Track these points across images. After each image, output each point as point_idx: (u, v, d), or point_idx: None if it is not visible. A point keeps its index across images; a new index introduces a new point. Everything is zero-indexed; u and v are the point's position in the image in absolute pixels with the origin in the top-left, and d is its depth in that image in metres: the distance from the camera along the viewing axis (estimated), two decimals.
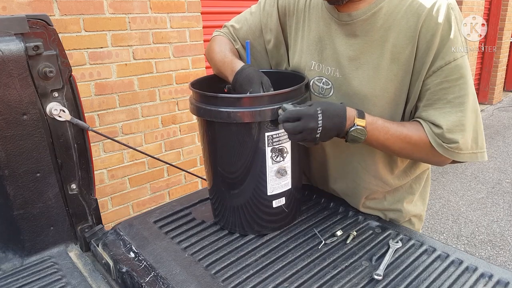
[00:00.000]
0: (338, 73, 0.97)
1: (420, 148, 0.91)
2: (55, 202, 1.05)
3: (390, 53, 0.89)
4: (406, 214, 1.12)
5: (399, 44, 0.88)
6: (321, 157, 1.11)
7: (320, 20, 1.00)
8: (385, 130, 0.89)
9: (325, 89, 1.00)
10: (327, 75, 0.99)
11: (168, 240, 0.99)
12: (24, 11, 1.81)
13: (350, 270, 0.87)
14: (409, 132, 0.90)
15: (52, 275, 0.95)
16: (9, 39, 0.90)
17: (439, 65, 0.87)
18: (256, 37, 1.12)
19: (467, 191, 3.64)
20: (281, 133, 0.91)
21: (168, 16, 2.33)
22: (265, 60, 1.15)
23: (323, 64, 0.99)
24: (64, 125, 1.03)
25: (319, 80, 1.01)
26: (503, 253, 2.72)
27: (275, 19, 1.08)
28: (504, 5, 6.23)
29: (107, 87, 2.17)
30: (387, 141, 0.90)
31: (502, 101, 7.06)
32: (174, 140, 2.56)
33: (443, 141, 0.88)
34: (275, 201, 0.97)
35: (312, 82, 1.02)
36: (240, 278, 0.85)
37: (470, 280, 0.82)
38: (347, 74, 0.95)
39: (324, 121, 0.83)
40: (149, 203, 2.52)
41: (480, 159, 0.93)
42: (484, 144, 0.94)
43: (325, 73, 0.99)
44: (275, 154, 0.92)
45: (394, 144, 0.91)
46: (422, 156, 0.95)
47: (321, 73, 1.00)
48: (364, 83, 0.93)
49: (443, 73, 0.87)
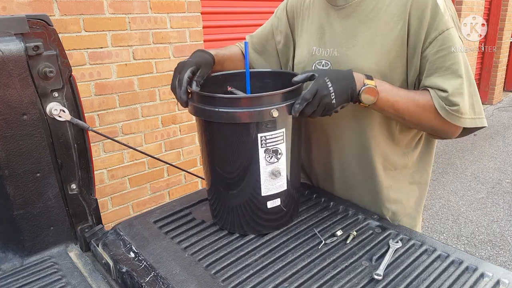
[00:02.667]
0: (336, 52, 1.05)
1: (427, 112, 0.95)
2: (55, 202, 1.05)
3: (383, 30, 0.98)
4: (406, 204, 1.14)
5: (391, 21, 0.96)
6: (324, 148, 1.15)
7: (321, 10, 1.10)
8: (394, 92, 0.95)
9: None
10: (326, 57, 1.07)
11: (168, 240, 0.99)
12: (24, 11, 1.81)
13: (350, 270, 0.87)
14: (417, 95, 0.96)
15: (52, 275, 0.95)
16: (9, 39, 0.90)
17: (433, 36, 0.93)
18: (268, 39, 1.26)
19: (467, 191, 3.64)
20: (276, 134, 0.91)
21: (168, 16, 2.33)
22: (276, 60, 1.26)
23: (322, 47, 1.08)
24: (64, 125, 1.03)
25: (319, 63, 1.08)
26: (503, 253, 2.72)
27: (284, 22, 1.22)
28: (504, 5, 6.23)
29: (107, 87, 2.17)
30: (397, 103, 0.95)
31: (502, 101, 7.06)
32: (174, 140, 2.57)
33: (445, 104, 0.93)
34: (270, 202, 0.97)
35: (314, 66, 1.10)
36: (240, 278, 0.85)
37: (470, 280, 0.82)
38: (344, 52, 1.03)
39: (334, 86, 0.88)
40: (149, 203, 2.52)
41: (480, 124, 0.97)
42: (482, 111, 0.98)
43: (325, 55, 1.07)
44: (269, 155, 0.92)
45: (404, 106, 0.95)
46: (428, 122, 0.98)
47: (321, 56, 1.08)
48: (360, 59, 1.00)
49: (438, 42, 0.93)
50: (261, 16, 3.09)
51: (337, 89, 0.89)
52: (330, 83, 0.88)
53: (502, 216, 3.20)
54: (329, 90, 0.88)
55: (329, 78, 0.88)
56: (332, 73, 0.91)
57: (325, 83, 0.88)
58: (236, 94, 1.05)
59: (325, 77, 0.88)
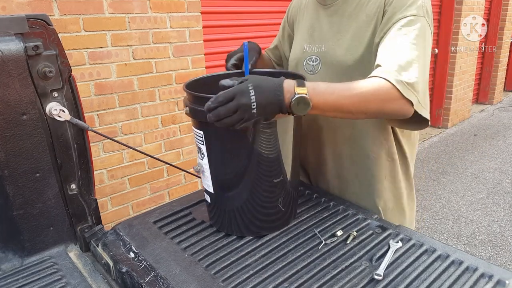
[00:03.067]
0: (324, 47, 1.11)
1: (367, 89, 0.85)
2: (54, 202, 1.05)
3: (365, 24, 1.03)
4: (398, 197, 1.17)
5: (370, 14, 1.02)
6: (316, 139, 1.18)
7: (313, 9, 1.18)
8: (330, 90, 0.85)
9: (314, 65, 1.13)
10: (316, 52, 1.13)
11: (168, 240, 0.99)
12: (24, 11, 1.80)
13: (350, 270, 0.87)
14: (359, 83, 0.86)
15: (52, 275, 0.95)
16: (9, 39, 0.90)
17: (398, 17, 0.95)
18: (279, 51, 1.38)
19: (468, 191, 3.64)
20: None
21: (168, 16, 2.33)
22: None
23: (312, 44, 1.14)
24: (64, 125, 1.03)
25: (309, 59, 1.15)
26: (503, 253, 2.72)
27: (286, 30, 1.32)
28: (504, 5, 6.22)
29: (107, 87, 2.17)
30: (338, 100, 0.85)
31: (503, 101, 7.06)
32: (174, 140, 2.56)
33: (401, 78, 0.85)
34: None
35: (305, 62, 1.16)
36: (240, 278, 0.84)
37: (470, 280, 0.82)
38: (330, 46, 1.09)
39: (257, 97, 0.78)
40: (149, 203, 2.52)
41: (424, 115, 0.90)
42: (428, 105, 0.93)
43: (314, 51, 1.14)
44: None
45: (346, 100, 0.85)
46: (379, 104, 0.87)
47: (311, 52, 1.15)
48: (345, 52, 1.05)
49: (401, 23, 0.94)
50: (261, 16, 3.09)
51: (260, 100, 0.79)
52: (253, 91, 0.78)
53: (503, 216, 3.19)
54: (250, 98, 0.78)
55: (253, 86, 0.78)
56: (258, 81, 0.80)
57: (247, 90, 0.78)
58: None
59: (249, 84, 0.79)
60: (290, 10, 1.32)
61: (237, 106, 0.77)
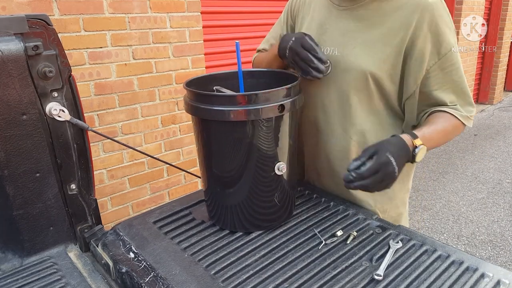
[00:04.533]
0: (337, 51, 1.06)
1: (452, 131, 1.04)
2: (54, 202, 1.05)
3: (384, 36, 1.01)
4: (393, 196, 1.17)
5: (394, 28, 1.00)
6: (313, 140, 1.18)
7: (322, 8, 1.12)
8: (430, 136, 0.99)
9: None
10: (326, 55, 1.07)
11: (168, 241, 0.99)
12: (24, 11, 1.80)
13: (350, 270, 0.87)
14: (444, 125, 1.02)
15: (51, 275, 0.95)
16: (9, 39, 0.90)
17: (443, 52, 0.99)
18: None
19: (468, 191, 3.64)
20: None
21: (168, 15, 2.33)
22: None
23: (322, 45, 1.08)
24: (64, 125, 1.03)
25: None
26: (503, 254, 2.72)
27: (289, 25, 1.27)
28: (504, 5, 6.22)
29: (107, 87, 2.17)
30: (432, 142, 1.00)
31: (503, 101, 7.06)
32: (174, 140, 2.56)
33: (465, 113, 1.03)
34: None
35: None
36: (240, 278, 0.84)
37: (470, 281, 0.82)
38: (345, 52, 1.05)
39: (397, 163, 0.89)
40: (149, 203, 2.52)
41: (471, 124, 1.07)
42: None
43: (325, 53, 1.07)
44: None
45: (438, 141, 1.03)
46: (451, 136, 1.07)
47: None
48: (360, 60, 1.02)
49: (448, 59, 1.00)
50: (261, 16, 3.09)
51: (400, 164, 0.90)
52: (393, 160, 0.88)
53: (503, 216, 3.19)
54: (394, 166, 0.88)
55: (392, 155, 0.88)
56: (392, 148, 0.90)
57: (389, 161, 0.88)
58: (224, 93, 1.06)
59: (388, 154, 0.88)
60: (293, 2, 1.26)
61: (383, 176, 0.87)
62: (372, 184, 0.87)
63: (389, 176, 0.88)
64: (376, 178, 0.86)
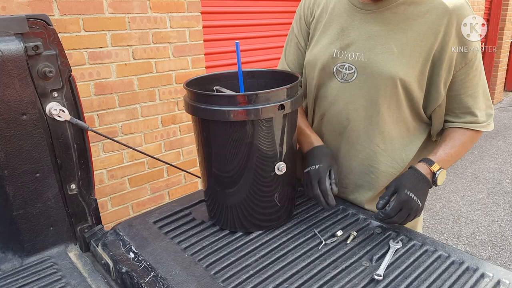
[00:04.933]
0: (363, 57, 1.02)
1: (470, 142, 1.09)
2: (54, 202, 1.05)
3: (414, 41, 0.98)
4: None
5: (423, 33, 0.97)
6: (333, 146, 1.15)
7: (343, 12, 1.07)
8: (449, 156, 1.03)
9: (348, 74, 1.05)
10: (351, 60, 1.04)
11: (168, 241, 0.99)
12: (24, 11, 1.80)
13: (350, 270, 0.87)
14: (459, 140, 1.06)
15: (51, 275, 0.95)
16: (9, 39, 0.90)
17: (470, 57, 0.99)
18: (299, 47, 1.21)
19: (468, 191, 3.64)
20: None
21: (167, 16, 2.33)
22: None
23: (345, 51, 1.05)
24: (64, 125, 1.03)
25: (341, 66, 1.06)
26: (503, 253, 2.72)
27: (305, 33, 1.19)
28: (504, 5, 6.22)
29: (107, 87, 2.17)
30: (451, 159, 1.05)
31: (503, 101, 7.06)
32: (174, 140, 2.56)
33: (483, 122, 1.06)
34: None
35: (335, 69, 1.08)
36: (240, 278, 0.84)
37: (470, 281, 0.82)
38: (372, 58, 1.01)
39: (418, 196, 0.95)
40: (149, 203, 2.52)
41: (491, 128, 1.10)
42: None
43: (348, 59, 1.05)
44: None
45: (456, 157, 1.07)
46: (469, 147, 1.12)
47: (343, 59, 1.05)
48: (388, 66, 0.99)
49: (474, 64, 1.00)
50: (261, 16, 3.09)
51: (422, 197, 0.96)
52: (414, 196, 0.94)
53: (503, 216, 3.19)
54: (416, 202, 0.94)
55: (412, 191, 0.94)
56: (411, 184, 0.95)
57: (410, 198, 0.93)
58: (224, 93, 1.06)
59: (407, 192, 0.93)
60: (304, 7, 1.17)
61: (408, 212, 0.94)
62: (399, 220, 0.94)
63: (414, 211, 0.95)
64: (402, 214, 0.94)
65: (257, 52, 3.06)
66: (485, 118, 1.06)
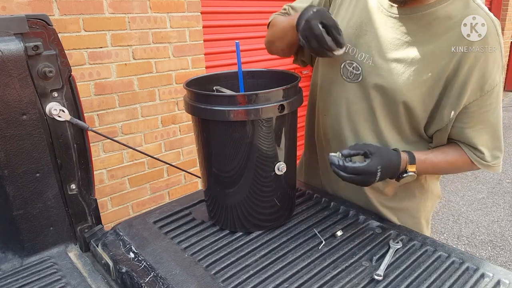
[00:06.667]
0: (371, 61, 0.97)
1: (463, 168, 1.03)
2: (54, 202, 1.05)
3: (426, 59, 0.91)
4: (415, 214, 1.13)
5: (438, 52, 0.90)
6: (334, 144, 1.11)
7: (367, 6, 0.99)
8: (432, 165, 0.99)
9: (354, 74, 1.01)
10: (360, 61, 0.99)
11: (168, 241, 0.99)
12: (24, 11, 1.80)
13: (350, 270, 0.87)
14: (453, 158, 1.00)
15: (51, 276, 0.95)
16: (9, 39, 0.90)
17: (486, 89, 0.91)
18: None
19: (468, 191, 3.64)
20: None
21: (167, 16, 2.33)
22: None
23: (357, 48, 0.99)
24: (64, 125, 1.03)
25: (349, 64, 1.01)
26: (503, 253, 2.72)
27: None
28: (504, 5, 6.22)
29: (107, 87, 2.17)
30: (434, 170, 1.02)
31: (503, 101, 7.05)
32: (174, 140, 2.56)
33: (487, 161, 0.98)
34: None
35: (343, 65, 1.02)
36: (240, 278, 0.84)
37: (470, 281, 0.82)
38: (379, 65, 0.96)
39: (381, 175, 0.90)
40: (149, 203, 2.52)
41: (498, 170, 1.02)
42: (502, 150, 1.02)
43: (358, 58, 0.99)
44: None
45: (441, 171, 1.05)
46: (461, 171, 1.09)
47: (353, 57, 1.00)
48: (393, 78, 0.94)
49: (490, 97, 0.92)
50: (261, 16, 3.09)
51: (383, 177, 0.92)
52: (380, 172, 0.89)
53: (503, 216, 3.19)
54: (376, 178, 0.90)
55: (382, 168, 0.89)
56: (385, 162, 0.90)
57: (375, 172, 0.89)
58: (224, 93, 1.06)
59: (378, 166, 0.89)
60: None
61: (361, 180, 0.90)
62: (347, 179, 0.89)
63: (365, 183, 0.92)
64: (354, 178, 0.89)
65: (257, 52, 3.06)
66: (490, 158, 0.97)
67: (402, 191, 1.10)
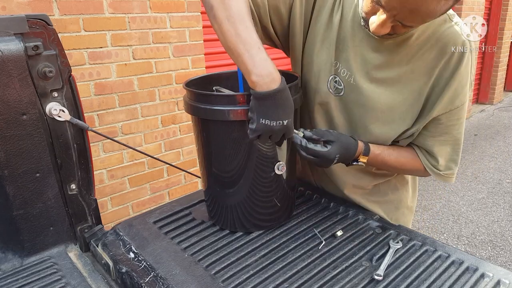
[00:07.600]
0: (352, 79, 0.97)
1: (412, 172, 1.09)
2: (54, 202, 1.05)
3: (406, 78, 0.94)
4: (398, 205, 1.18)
5: (417, 72, 0.93)
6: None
7: (349, 21, 0.96)
8: (383, 162, 1.02)
9: (338, 89, 1.00)
10: (342, 77, 0.99)
11: (168, 241, 0.99)
12: (24, 11, 1.80)
13: (350, 270, 0.87)
14: (405, 160, 1.04)
15: (51, 276, 0.95)
16: (9, 39, 0.90)
17: (456, 105, 0.95)
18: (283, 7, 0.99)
19: (468, 191, 3.64)
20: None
21: (167, 15, 2.33)
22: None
23: (340, 63, 0.99)
24: (64, 125, 1.03)
25: (334, 79, 1.00)
26: (503, 253, 2.72)
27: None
28: (504, 5, 6.23)
29: (107, 87, 2.17)
30: (384, 167, 1.05)
31: (503, 101, 7.06)
32: (174, 140, 2.56)
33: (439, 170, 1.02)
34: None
35: (330, 79, 1.00)
36: (240, 278, 0.84)
37: (470, 281, 0.82)
38: (360, 84, 0.97)
39: (337, 161, 0.95)
40: (149, 203, 2.52)
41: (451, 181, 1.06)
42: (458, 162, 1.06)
43: (341, 74, 0.99)
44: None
45: (389, 169, 1.08)
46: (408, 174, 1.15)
47: (337, 72, 0.99)
48: (373, 97, 0.96)
49: (458, 112, 0.97)
50: None
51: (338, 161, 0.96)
52: (336, 160, 0.93)
53: (503, 216, 3.19)
54: (332, 162, 0.94)
55: (339, 156, 0.93)
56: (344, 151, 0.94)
57: (333, 159, 0.93)
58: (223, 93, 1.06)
59: (337, 155, 0.93)
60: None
61: (317, 163, 0.94)
62: (306, 159, 0.92)
63: (321, 166, 0.97)
64: (312, 160, 0.92)
65: None
66: (443, 168, 1.01)
67: (384, 184, 1.15)
